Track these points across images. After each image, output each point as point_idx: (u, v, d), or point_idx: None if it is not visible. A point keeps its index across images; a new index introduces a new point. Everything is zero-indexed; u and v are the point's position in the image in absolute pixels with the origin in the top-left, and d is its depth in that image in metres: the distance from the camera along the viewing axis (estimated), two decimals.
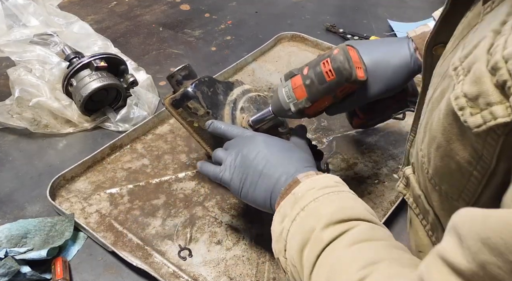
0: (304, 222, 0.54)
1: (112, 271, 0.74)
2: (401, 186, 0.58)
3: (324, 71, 0.65)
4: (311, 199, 0.55)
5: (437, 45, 0.55)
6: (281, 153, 0.66)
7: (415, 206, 0.55)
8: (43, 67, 0.98)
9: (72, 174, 0.88)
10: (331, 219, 0.52)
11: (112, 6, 1.45)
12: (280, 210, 0.58)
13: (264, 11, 1.45)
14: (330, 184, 0.58)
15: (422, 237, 0.55)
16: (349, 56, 0.65)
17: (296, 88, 0.68)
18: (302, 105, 0.68)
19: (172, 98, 0.79)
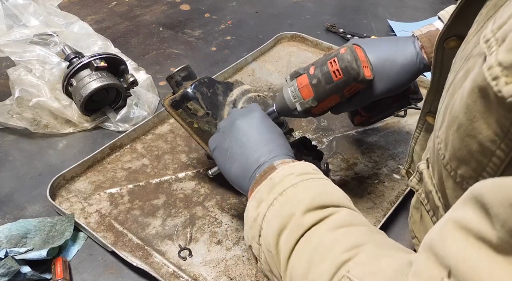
0: (283, 207, 0.53)
1: (112, 271, 0.74)
2: (414, 181, 0.57)
3: (332, 70, 0.65)
4: (289, 185, 0.54)
5: (449, 38, 0.55)
6: (266, 136, 0.64)
7: (426, 202, 0.55)
8: (43, 67, 0.98)
9: (72, 174, 0.88)
10: (311, 204, 0.51)
11: (112, 6, 1.45)
12: (256, 195, 0.57)
13: (264, 11, 1.45)
14: (309, 171, 0.57)
15: None
16: (356, 56, 0.65)
17: (302, 88, 0.68)
18: (308, 104, 0.68)
19: (171, 99, 0.79)
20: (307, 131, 1.01)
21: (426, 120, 0.66)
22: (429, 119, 0.66)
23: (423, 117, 0.67)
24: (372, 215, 0.83)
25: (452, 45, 0.56)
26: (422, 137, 0.69)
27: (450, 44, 0.56)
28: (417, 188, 0.57)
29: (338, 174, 0.91)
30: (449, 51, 0.57)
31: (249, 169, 0.61)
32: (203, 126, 0.78)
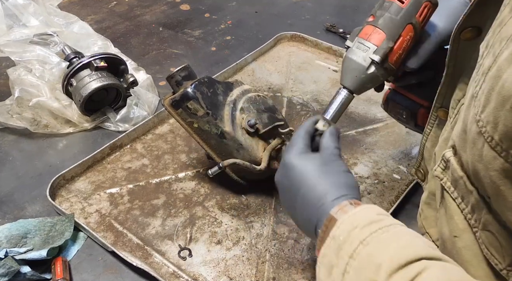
0: (359, 274, 0.46)
1: (112, 271, 0.74)
2: (439, 170, 0.56)
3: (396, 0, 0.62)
4: (358, 243, 0.47)
5: (466, 29, 0.55)
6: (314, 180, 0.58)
7: (452, 189, 0.54)
8: (43, 67, 0.98)
9: (72, 174, 0.88)
10: (391, 266, 0.44)
11: (112, 6, 1.45)
12: (323, 260, 0.51)
13: (264, 11, 1.45)
14: (373, 218, 0.50)
15: (458, 221, 0.53)
16: None
17: (370, 36, 0.63)
18: (384, 48, 0.62)
19: (171, 98, 0.79)
20: None
21: (438, 115, 0.66)
22: (441, 114, 0.66)
23: (435, 112, 0.67)
24: None
25: (467, 36, 0.56)
26: (434, 133, 0.69)
27: (466, 35, 0.56)
28: (442, 177, 0.56)
29: None
30: (464, 42, 0.57)
31: (308, 221, 0.57)
32: (203, 126, 0.78)
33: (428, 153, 0.72)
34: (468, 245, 0.53)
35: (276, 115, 0.84)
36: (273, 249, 0.77)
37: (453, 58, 0.59)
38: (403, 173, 0.91)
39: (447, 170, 0.55)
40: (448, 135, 0.62)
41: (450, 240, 0.56)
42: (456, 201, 0.54)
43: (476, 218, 0.51)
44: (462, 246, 0.53)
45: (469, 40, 0.56)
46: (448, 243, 0.56)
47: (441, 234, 0.59)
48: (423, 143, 0.72)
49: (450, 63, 0.60)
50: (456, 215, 0.54)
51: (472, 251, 0.52)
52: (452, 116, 0.61)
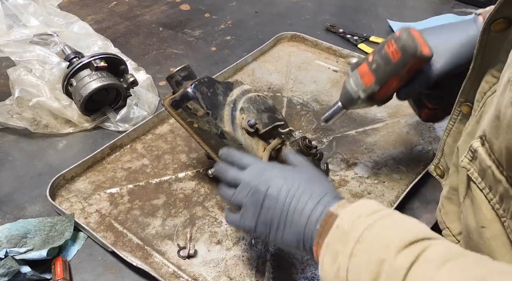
0: (368, 255, 0.47)
1: (112, 271, 0.74)
2: (466, 161, 0.56)
3: (390, 52, 0.68)
4: (363, 229, 0.49)
5: (497, 20, 0.56)
6: (303, 186, 0.59)
7: (480, 180, 0.54)
8: (43, 67, 0.98)
9: (72, 174, 0.88)
10: (399, 244, 0.46)
11: (112, 6, 1.45)
12: (328, 249, 0.51)
13: (264, 11, 1.45)
14: (374, 208, 0.52)
15: (486, 212, 0.54)
16: (412, 35, 0.67)
17: (363, 75, 0.71)
18: (371, 89, 0.71)
19: (171, 98, 0.79)
20: (307, 131, 1.01)
21: (461, 110, 0.67)
22: (464, 109, 0.66)
23: (458, 107, 0.67)
24: None
25: (497, 28, 0.56)
26: (456, 128, 0.69)
27: (497, 27, 0.56)
28: (469, 167, 0.56)
29: (338, 174, 0.91)
30: (495, 34, 0.57)
31: (303, 226, 0.56)
32: (203, 126, 0.78)
33: (449, 148, 0.72)
34: (496, 235, 0.54)
35: (276, 115, 0.84)
36: (273, 249, 0.77)
37: (481, 50, 0.60)
38: (403, 173, 0.91)
39: (474, 161, 0.55)
40: (472, 128, 0.62)
41: (477, 231, 0.56)
42: (484, 192, 0.54)
43: (504, 208, 0.51)
44: (490, 236, 0.54)
45: (499, 32, 0.57)
46: (475, 234, 0.57)
47: (467, 226, 0.59)
48: (444, 139, 0.72)
49: (478, 56, 0.60)
50: (484, 206, 0.54)
51: (501, 241, 0.53)
52: (477, 109, 0.61)
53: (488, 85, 0.59)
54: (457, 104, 0.67)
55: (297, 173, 0.62)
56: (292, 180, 0.60)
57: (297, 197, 0.58)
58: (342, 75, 1.17)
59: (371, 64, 0.70)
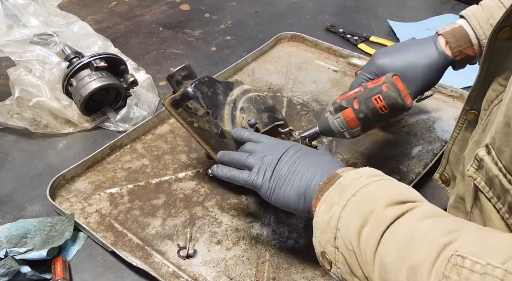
0: (360, 205, 0.52)
1: (112, 271, 0.74)
2: (472, 170, 0.56)
3: (378, 107, 0.73)
4: (361, 186, 0.54)
5: (504, 28, 0.56)
6: (313, 155, 0.66)
7: (487, 189, 0.54)
8: (43, 67, 0.98)
9: (72, 174, 0.88)
10: (390, 200, 0.50)
11: (112, 6, 1.45)
12: (326, 199, 0.56)
13: (264, 11, 1.45)
14: (376, 173, 0.57)
15: (496, 222, 0.54)
16: (399, 90, 0.72)
17: (349, 120, 0.76)
18: (357, 133, 0.77)
19: (172, 98, 0.79)
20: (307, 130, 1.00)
21: (466, 118, 0.67)
22: (470, 117, 0.67)
23: (463, 116, 0.68)
24: None
25: (505, 36, 0.57)
26: (461, 137, 0.70)
27: (504, 35, 0.57)
28: (475, 176, 0.56)
29: None
30: (501, 42, 0.57)
31: (308, 184, 0.62)
32: (204, 126, 0.78)
33: (455, 156, 0.72)
34: None
35: (276, 115, 0.84)
36: (273, 249, 0.77)
37: (487, 59, 0.60)
38: (403, 173, 0.91)
39: (481, 170, 0.55)
40: (479, 137, 0.62)
41: None
42: (492, 201, 0.53)
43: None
44: None
45: (506, 40, 0.57)
46: None
47: None
48: (449, 147, 0.72)
49: (484, 64, 0.61)
50: (493, 215, 0.54)
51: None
52: (484, 117, 0.61)
53: (495, 93, 0.60)
54: (462, 112, 0.67)
55: (309, 148, 0.69)
56: (306, 151, 0.67)
57: (307, 162, 0.64)
58: (342, 75, 1.17)
59: (357, 112, 0.75)
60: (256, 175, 0.67)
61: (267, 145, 0.71)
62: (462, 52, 0.79)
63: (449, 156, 0.73)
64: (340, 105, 0.77)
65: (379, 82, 0.74)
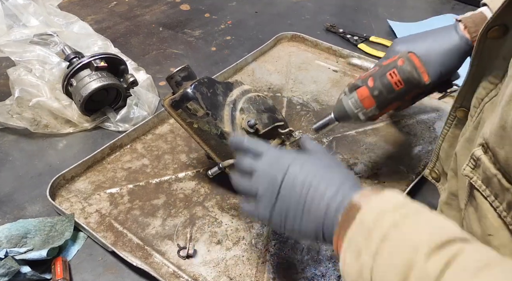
0: (395, 255, 0.44)
1: (112, 271, 0.74)
2: (468, 169, 0.55)
3: (393, 82, 0.71)
4: (389, 225, 0.46)
5: (493, 27, 0.56)
6: (321, 173, 0.57)
7: (484, 188, 0.53)
8: (43, 67, 0.98)
9: (72, 174, 0.88)
10: (429, 246, 0.43)
11: (112, 6, 1.45)
12: (350, 244, 0.49)
13: (264, 11, 1.45)
14: (402, 201, 0.49)
15: (492, 219, 0.53)
16: (414, 65, 0.70)
17: (363, 99, 0.73)
18: (372, 113, 0.74)
19: (171, 99, 0.79)
20: (307, 131, 1.01)
21: (456, 116, 0.67)
22: (460, 114, 0.67)
23: (453, 112, 0.68)
24: None
25: (494, 35, 0.57)
26: (451, 133, 0.70)
27: (493, 34, 0.57)
28: (471, 175, 0.55)
29: None
30: (490, 41, 0.58)
31: (322, 216, 0.54)
32: (203, 126, 0.78)
33: (445, 153, 0.72)
34: (504, 242, 0.52)
35: (276, 115, 0.84)
36: (273, 249, 0.77)
37: (477, 57, 0.60)
38: (403, 173, 0.91)
39: (477, 169, 0.54)
40: (471, 134, 0.62)
41: (483, 239, 0.55)
42: (489, 199, 0.53)
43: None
44: (498, 244, 0.53)
45: (496, 39, 0.57)
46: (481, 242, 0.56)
47: (472, 233, 0.58)
48: (439, 144, 0.73)
49: (474, 62, 0.61)
50: (490, 214, 0.53)
51: (509, 249, 0.52)
52: (474, 115, 0.62)
53: (485, 91, 0.60)
54: (452, 109, 0.68)
55: (313, 159, 0.60)
56: (309, 167, 0.57)
57: (315, 185, 0.55)
58: (342, 75, 1.17)
59: (372, 90, 0.72)
60: (260, 208, 0.59)
61: (266, 162, 0.61)
62: None
63: (439, 152, 0.74)
64: (355, 84, 0.75)
65: (395, 57, 0.72)
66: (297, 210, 0.56)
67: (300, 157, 0.60)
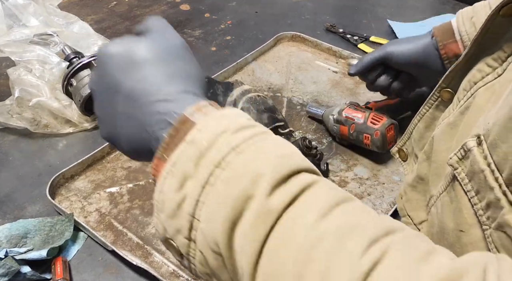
0: (231, 185, 0.36)
1: (112, 271, 0.74)
2: (455, 159, 0.51)
3: (364, 142, 0.90)
4: (229, 149, 0.37)
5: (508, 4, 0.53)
6: (156, 67, 0.44)
7: (466, 181, 0.50)
8: (43, 67, 0.98)
9: (71, 173, 0.88)
10: (274, 177, 0.35)
11: (112, 6, 1.45)
12: (174, 169, 0.38)
13: (264, 11, 1.45)
14: (245, 123, 0.40)
15: (467, 216, 0.50)
16: (386, 141, 0.87)
17: (342, 134, 0.93)
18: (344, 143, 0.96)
19: None
20: (307, 131, 1.01)
21: (440, 96, 0.64)
22: (445, 96, 0.63)
23: (437, 92, 0.64)
24: None
25: (509, 12, 0.53)
26: (430, 114, 0.66)
27: (507, 11, 0.53)
28: (457, 166, 0.51)
29: (338, 175, 0.91)
30: (502, 20, 0.54)
31: (146, 124, 0.42)
32: None
33: (419, 134, 0.69)
34: (474, 241, 0.50)
35: (276, 116, 0.84)
36: None
37: (481, 36, 0.57)
38: (403, 175, 0.91)
39: (465, 161, 0.51)
40: (455, 119, 0.59)
41: (454, 233, 0.53)
42: (468, 195, 0.50)
43: (490, 216, 0.47)
44: (468, 241, 0.51)
45: (508, 17, 0.54)
46: (451, 236, 0.54)
47: (443, 224, 0.56)
48: (414, 123, 0.69)
49: (475, 41, 0.57)
50: (466, 209, 0.51)
51: (478, 248, 0.50)
52: (462, 98, 0.58)
53: (480, 75, 0.56)
54: (437, 89, 0.64)
55: (151, 44, 0.45)
56: (143, 56, 0.44)
57: (145, 84, 0.43)
58: (342, 76, 1.17)
59: (349, 134, 0.91)
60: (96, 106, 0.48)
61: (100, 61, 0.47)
62: (446, 46, 0.81)
63: (412, 132, 0.70)
64: (341, 120, 0.92)
65: (378, 124, 0.87)
66: (122, 114, 0.44)
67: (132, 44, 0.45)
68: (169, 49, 0.46)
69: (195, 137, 0.38)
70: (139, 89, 0.43)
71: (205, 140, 0.38)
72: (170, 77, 0.43)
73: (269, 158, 0.37)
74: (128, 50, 0.44)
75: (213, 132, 0.38)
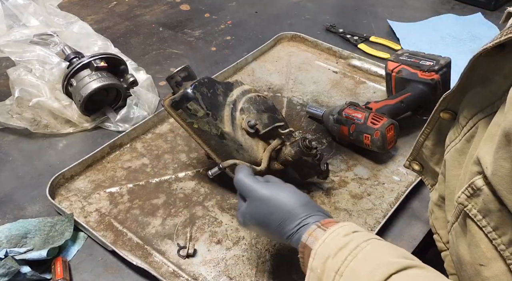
0: None
1: (112, 271, 0.74)
2: (463, 197, 0.53)
3: (364, 142, 0.90)
4: (334, 274, 0.52)
5: None
6: (276, 214, 0.64)
7: (480, 218, 0.51)
8: (43, 67, 0.98)
9: (71, 173, 0.88)
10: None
11: (112, 6, 1.45)
12: None
13: (264, 11, 1.45)
14: (341, 243, 0.54)
15: (486, 250, 0.51)
16: (386, 141, 0.88)
17: (342, 134, 0.94)
18: (344, 143, 0.96)
19: (171, 99, 0.79)
20: (308, 131, 1.01)
21: (440, 117, 0.65)
22: (444, 116, 0.64)
23: (437, 114, 0.65)
24: (372, 216, 0.83)
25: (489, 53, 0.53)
26: (435, 133, 0.67)
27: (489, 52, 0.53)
28: (466, 204, 0.52)
29: (338, 175, 0.91)
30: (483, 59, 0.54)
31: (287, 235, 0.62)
32: (203, 127, 0.78)
33: (429, 151, 0.70)
34: (497, 275, 0.50)
35: (276, 116, 0.84)
36: (273, 249, 0.77)
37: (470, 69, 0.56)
38: (403, 175, 0.91)
39: (475, 198, 0.51)
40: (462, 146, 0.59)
41: (472, 267, 0.53)
42: (484, 230, 0.50)
43: None
44: (491, 275, 0.51)
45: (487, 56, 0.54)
46: (470, 269, 0.54)
47: (458, 255, 0.57)
48: (420, 141, 0.70)
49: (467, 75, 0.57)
50: (483, 244, 0.51)
51: None
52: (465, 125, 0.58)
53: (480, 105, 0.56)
54: (436, 111, 0.65)
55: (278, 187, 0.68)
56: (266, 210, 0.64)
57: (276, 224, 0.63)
58: (342, 76, 1.17)
59: (350, 134, 0.92)
60: None
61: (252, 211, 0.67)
62: None
63: (421, 149, 0.71)
64: (342, 120, 0.93)
65: (378, 124, 0.88)
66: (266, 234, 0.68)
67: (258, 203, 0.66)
68: (290, 189, 0.67)
69: (312, 266, 0.54)
70: (280, 215, 0.63)
71: (318, 269, 0.53)
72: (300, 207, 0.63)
73: (361, 277, 0.49)
74: (275, 195, 0.65)
75: (321, 261, 0.53)
